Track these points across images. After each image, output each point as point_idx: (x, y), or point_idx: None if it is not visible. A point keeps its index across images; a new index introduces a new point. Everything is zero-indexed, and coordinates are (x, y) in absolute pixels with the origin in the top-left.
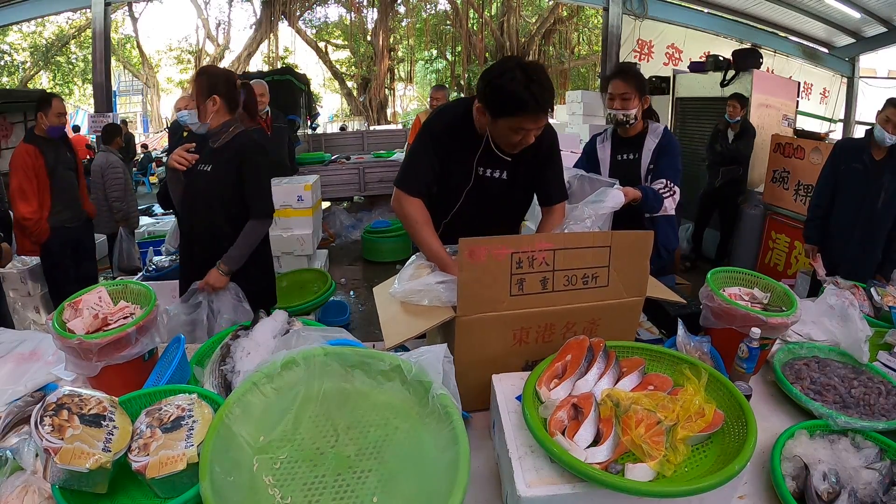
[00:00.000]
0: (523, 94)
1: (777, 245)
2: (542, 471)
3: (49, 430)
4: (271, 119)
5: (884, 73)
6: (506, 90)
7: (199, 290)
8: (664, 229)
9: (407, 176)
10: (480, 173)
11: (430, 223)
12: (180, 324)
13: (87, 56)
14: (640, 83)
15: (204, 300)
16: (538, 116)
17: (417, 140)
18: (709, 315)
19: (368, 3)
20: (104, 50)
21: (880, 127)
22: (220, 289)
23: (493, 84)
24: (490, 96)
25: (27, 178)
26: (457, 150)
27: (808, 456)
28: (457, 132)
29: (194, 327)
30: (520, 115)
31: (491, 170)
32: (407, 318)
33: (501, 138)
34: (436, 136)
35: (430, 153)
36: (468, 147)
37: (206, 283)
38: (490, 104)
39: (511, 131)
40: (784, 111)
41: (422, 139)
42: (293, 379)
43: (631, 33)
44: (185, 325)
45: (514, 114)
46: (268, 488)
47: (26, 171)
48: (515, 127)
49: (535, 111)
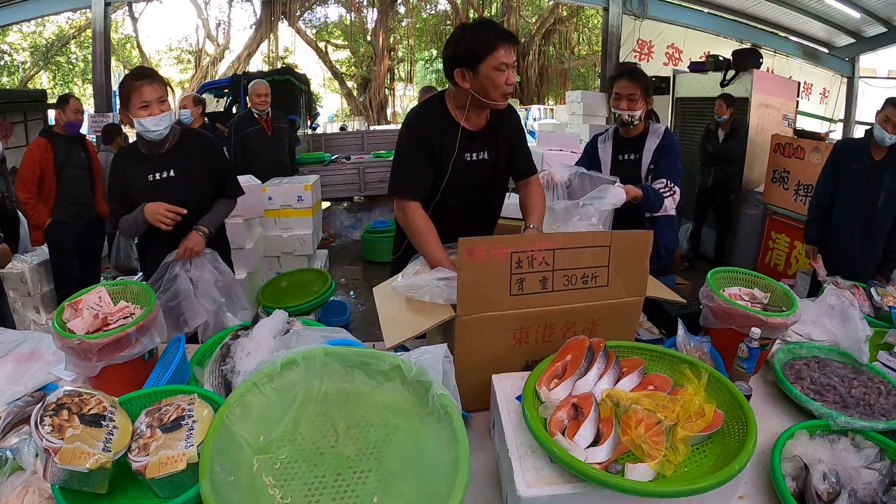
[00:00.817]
0: (490, 31)
1: (777, 245)
2: (542, 471)
3: (49, 430)
4: (271, 119)
5: (884, 73)
6: (476, 34)
7: (176, 260)
8: (664, 229)
9: (403, 181)
10: (467, 158)
11: (434, 232)
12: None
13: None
14: (647, 84)
15: (181, 270)
16: (509, 45)
17: (403, 144)
18: (709, 315)
19: (368, 3)
20: (104, 50)
21: (880, 127)
22: (199, 252)
23: (463, 41)
24: (465, 52)
25: (30, 168)
26: (441, 143)
27: (808, 456)
28: (436, 126)
29: (179, 298)
30: (496, 46)
31: (474, 153)
32: (407, 317)
33: (489, 86)
34: (419, 136)
35: (418, 153)
36: (450, 137)
37: (185, 248)
38: (468, 57)
39: (495, 71)
40: (784, 111)
41: (407, 142)
42: (293, 379)
43: (631, 33)
44: (168, 301)
45: (491, 49)
46: (268, 488)
47: (32, 162)
48: (497, 65)
49: (506, 39)
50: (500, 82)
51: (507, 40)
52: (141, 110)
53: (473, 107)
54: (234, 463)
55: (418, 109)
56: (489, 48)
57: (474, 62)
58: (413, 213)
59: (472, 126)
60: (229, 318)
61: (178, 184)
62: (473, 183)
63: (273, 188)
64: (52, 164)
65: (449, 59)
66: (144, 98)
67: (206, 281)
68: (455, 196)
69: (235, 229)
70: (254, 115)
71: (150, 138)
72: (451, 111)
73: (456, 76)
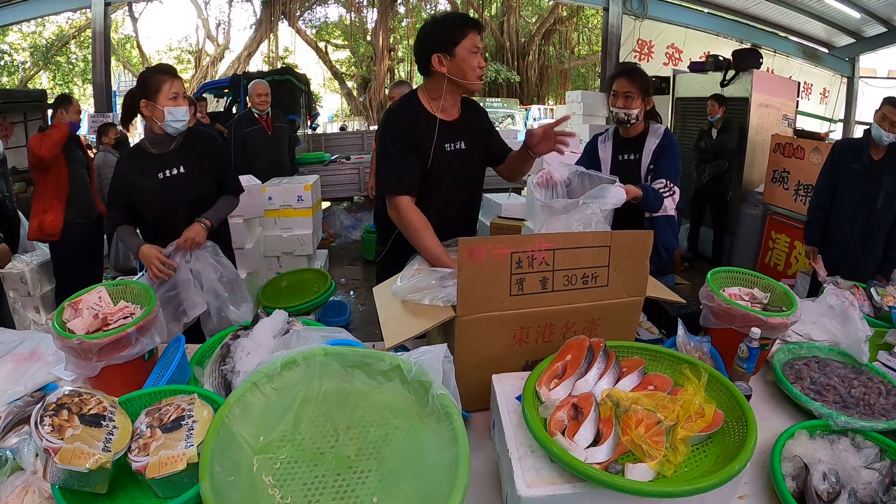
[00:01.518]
0: (462, 17)
1: (777, 245)
2: (542, 471)
3: (49, 430)
4: (271, 119)
5: (884, 73)
6: (448, 21)
7: (177, 249)
8: (664, 229)
9: (393, 178)
10: (447, 148)
11: (429, 226)
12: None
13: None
14: (645, 84)
15: (181, 260)
16: (479, 31)
17: (387, 143)
18: (709, 315)
19: (368, 3)
20: (104, 50)
21: (877, 126)
22: (200, 244)
23: (437, 27)
24: (441, 37)
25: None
26: (421, 135)
27: (808, 456)
28: (415, 120)
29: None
30: (470, 30)
31: (453, 143)
32: (407, 318)
33: (467, 68)
34: (402, 134)
35: (402, 149)
36: (428, 129)
37: (186, 238)
38: (445, 41)
39: (471, 54)
40: (784, 111)
41: (389, 140)
42: (293, 379)
43: (631, 33)
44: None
45: (466, 33)
46: (268, 488)
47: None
48: (472, 47)
49: (476, 25)
50: (475, 64)
51: (477, 27)
52: (171, 101)
53: (449, 94)
54: (234, 463)
55: (394, 108)
56: (464, 31)
57: (450, 46)
58: (406, 208)
59: (447, 116)
60: (231, 312)
61: (187, 180)
62: (455, 174)
63: (273, 188)
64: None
65: (425, 48)
66: (175, 90)
67: (208, 275)
68: (438, 189)
69: (235, 229)
70: (254, 115)
71: (174, 130)
72: (426, 105)
73: (433, 62)
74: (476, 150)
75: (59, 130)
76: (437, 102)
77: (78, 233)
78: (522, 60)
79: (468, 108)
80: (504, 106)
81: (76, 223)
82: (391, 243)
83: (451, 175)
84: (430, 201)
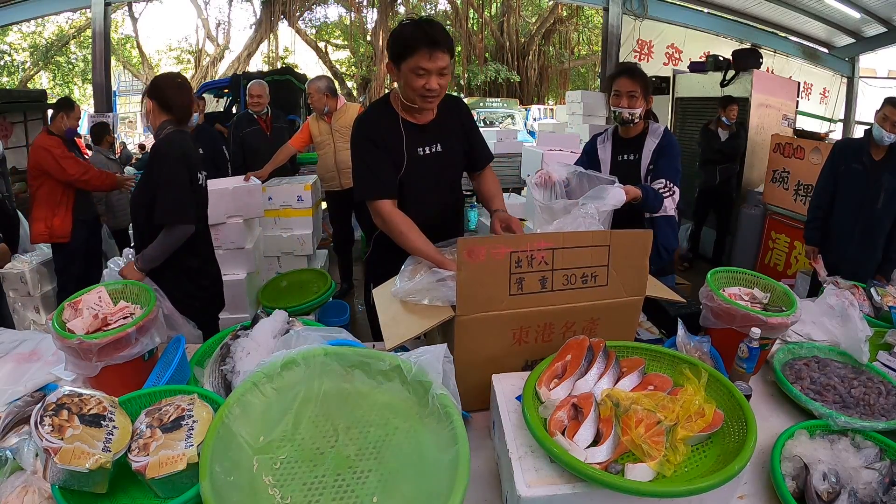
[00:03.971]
0: (416, 33)
1: (777, 245)
2: (542, 471)
3: (49, 430)
4: (271, 119)
5: (884, 73)
6: (401, 34)
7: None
8: (664, 229)
9: (372, 183)
10: (420, 153)
11: (414, 227)
12: None
13: (87, 56)
14: (646, 83)
15: None
16: (432, 52)
17: (360, 149)
18: (709, 315)
19: (368, 3)
20: (104, 50)
21: (878, 126)
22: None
23: (392, 35)
24: (392, 47)
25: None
26: (391, 140)
27: (808, 456)
28: (384, 125)
29: None
30: (417, 50)
31: (426, 146)
32: (407, 318)
33: (409, 88)
34: (371, 138)
35: (375, 153)
36: (397, 133)
37: (121, 275)
38: (392, 54)
39: (414, 75)
40: (784, 111)
41: (362, 146)
42: (293, 379)
43: (631, 33)
44: None
45: (411, 52)
46: (268, 488)
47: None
48: (415, 68)
49: (431, 44)
50: (418, 86)
51: (432, 46)
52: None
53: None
54: (234, 463)
55: (364, 113)
56: (409, 50)
57: (397, 60)
58: (389, 212)
59: (418, 120)
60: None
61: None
62: (431, 177)
63: (273, 188)
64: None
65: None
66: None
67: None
68: (414, 193)
69: (235, 229)
70: (253, 116)
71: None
72: (396, 109)
73: (385, 65)
74: (455, 152)
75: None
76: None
77: (81, 233)
78: (522, 60)
79: (447, 109)
80: (504, 106)
81: (79, 220)
82: (373, 242)
83: (428, 180)
84: (408, 206)
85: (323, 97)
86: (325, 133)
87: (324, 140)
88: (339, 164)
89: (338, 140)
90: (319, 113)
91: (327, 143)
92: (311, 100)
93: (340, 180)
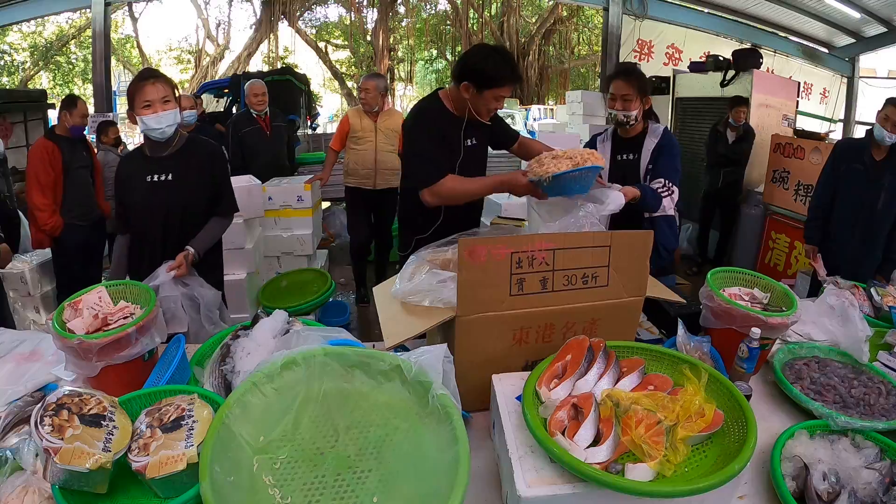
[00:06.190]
0: (506, 71)
1: (777, 245)
2: (542, 471)
3: (49, 430)
4: (270, 119)
5: (884, 73)
6: (498, 66)
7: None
8: (663, 229)
9: (433, 170)
10: (468, 145)
11: (462, 178)
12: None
13: (87, 56)
14: (642, 84)
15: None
16: (517, 82)
17: (420, 139)
18: (709, 315)
19: (368, 3)
20: (104, 50)
21: (880, 126)
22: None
23: (480, 66)
24: (478, 75)
25: (45, 170)
26: (449, 133)
27: (808, 456)
28: (443, 120)
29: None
30: (503, 85)
31: (471, 139)
32: (407, 318)
33: (483, 107)
34: (433, 130)
35: (437, 143)
36: (454, 128)
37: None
38: (478, 81)
39: (494, 100)
40: (784, 111)
41: (424, 136)
42: (293, 379)
43: (631, 33)
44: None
45: (500, 85)
46: (268, 488)
47: (44, 164)
48: (498, 95)
49: (512, 81)
50: (492, 107)
51: (516, 82)
52: (143, 109)
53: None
54: (234, 463)
55: (423, 107)
56: (500, 82)
57: (483, 85)
58: (451, 179)
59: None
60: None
61: (173, 188)
62: (472, 169)
63: (273, 188)
64: (61, 167)
65: (465, 69)
66: (147, 98)
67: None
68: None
69: (235, 229)
70: (252, 115)
71: (154, 137)
72: (448, 106)
73: (462, 87)
74: (484, 146)
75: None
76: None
77: (78, 234)
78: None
79: None
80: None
81: (76, 225)
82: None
83: (470, 170)
84: None
85: (378, 95)
86: (367, 130)
87: (365, 136)
88: (379, 164)
89: (381, 140)
90: (370, 109)
91: (369, 139)
92: (365, 95)
93: (376, 179)
